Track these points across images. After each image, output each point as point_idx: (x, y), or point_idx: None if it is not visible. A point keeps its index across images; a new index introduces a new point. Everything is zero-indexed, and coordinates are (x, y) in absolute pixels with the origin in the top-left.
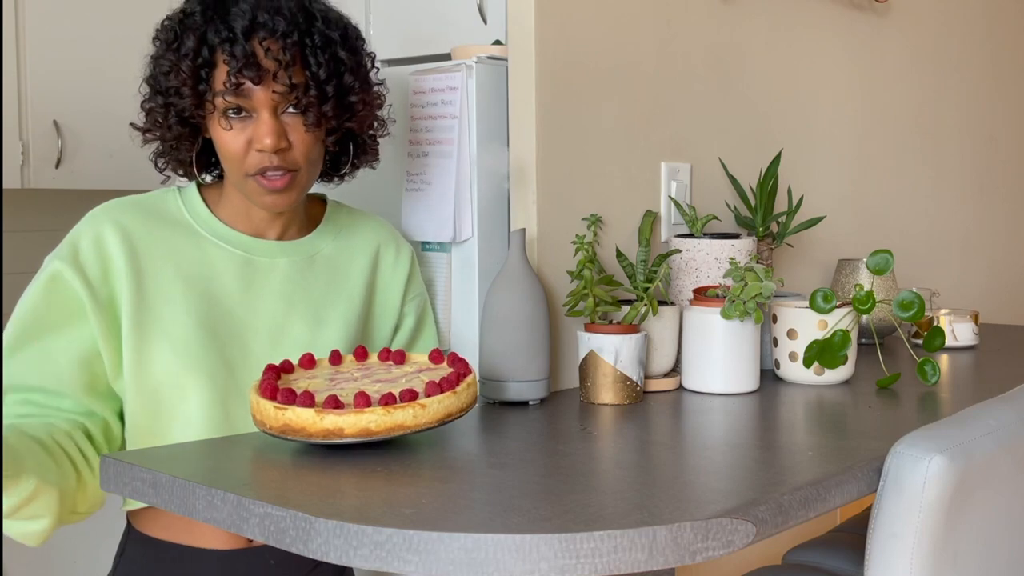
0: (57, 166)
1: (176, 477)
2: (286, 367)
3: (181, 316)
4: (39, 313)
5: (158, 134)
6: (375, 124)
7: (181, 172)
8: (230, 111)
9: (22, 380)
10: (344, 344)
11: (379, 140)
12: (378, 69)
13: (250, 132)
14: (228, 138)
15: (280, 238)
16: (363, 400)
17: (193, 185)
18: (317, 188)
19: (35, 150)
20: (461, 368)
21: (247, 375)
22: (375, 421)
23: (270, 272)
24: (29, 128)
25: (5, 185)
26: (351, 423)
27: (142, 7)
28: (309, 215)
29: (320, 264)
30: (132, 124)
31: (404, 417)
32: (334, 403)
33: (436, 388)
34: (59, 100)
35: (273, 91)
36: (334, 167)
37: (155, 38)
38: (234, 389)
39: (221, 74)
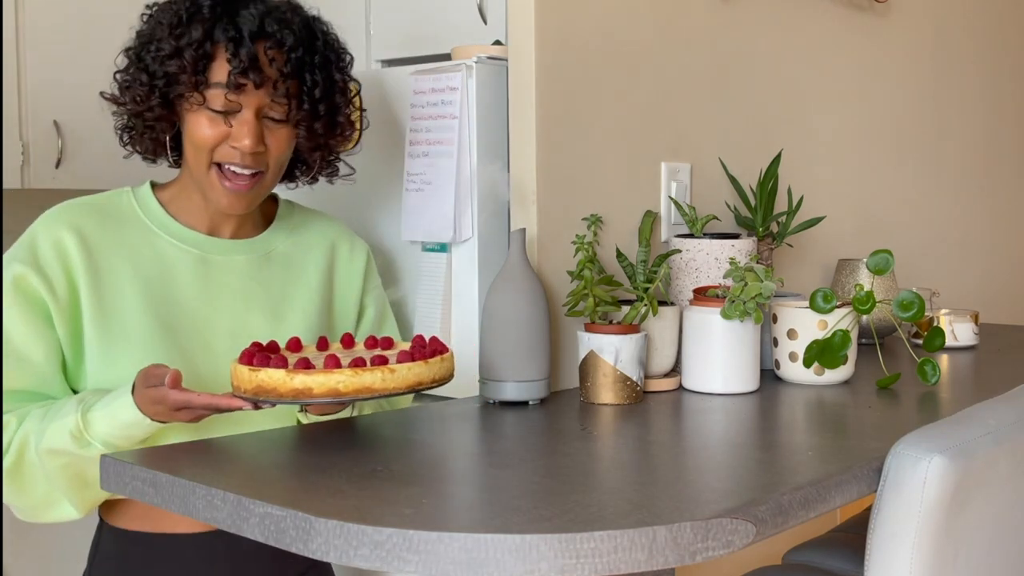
0: (57, 166)
1: (176, 477)
2: (272, 347)
3: (139, 316)
4: (9, 319)
5: (134, 109)
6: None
7: (151, 152)
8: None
9: (9, 385)
10: (306, 338)
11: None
12: (358, 91)
13: (228, 127)
14: (204, 126)
15: (235, 236)
16: (333, 362)
17: (147, 185)
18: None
19: (35, 150)
20: (438, 345)
21: (210, 372)
22: (343, 382)
23: (226, 270)
24: (29, 128)
25: (5, 185)
26: (320, 383)
27: (142, 8)
28: (262, 211)
29: (276, 261)
30: (102, 93)
31: (372, 380)
32: (305, 364)
33: (408, 356)
34: (59, 100)
35: (272, 99)
36: (290, 175)
37: (151, 16)
38: (198, 386)
39: (219, 69)
